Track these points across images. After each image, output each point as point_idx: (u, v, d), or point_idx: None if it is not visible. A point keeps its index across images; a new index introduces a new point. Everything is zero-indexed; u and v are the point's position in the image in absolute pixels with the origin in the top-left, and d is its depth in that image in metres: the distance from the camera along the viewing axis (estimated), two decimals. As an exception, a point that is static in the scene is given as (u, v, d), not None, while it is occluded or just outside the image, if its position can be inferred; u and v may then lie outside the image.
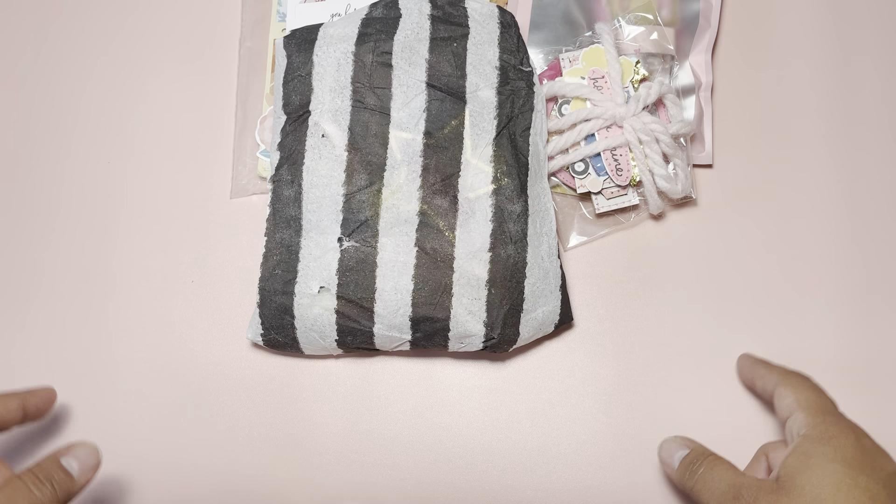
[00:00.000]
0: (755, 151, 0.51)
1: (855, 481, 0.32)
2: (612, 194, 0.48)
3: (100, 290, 0.50)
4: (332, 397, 0.47)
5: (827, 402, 0.37)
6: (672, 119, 0.48)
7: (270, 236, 0.45)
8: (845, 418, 0.36)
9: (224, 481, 0.46)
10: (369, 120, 0.45)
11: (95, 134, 0.53)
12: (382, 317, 0.43)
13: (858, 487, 0.32)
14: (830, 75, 0.52)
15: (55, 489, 0.36)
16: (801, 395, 0.38)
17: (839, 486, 0.32)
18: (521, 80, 0.46)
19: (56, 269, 0.50)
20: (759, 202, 0.50)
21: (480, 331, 0.43)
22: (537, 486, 0.46)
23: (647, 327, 0.48)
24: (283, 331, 0.45)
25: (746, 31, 0.53)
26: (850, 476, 0.32)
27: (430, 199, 0.44)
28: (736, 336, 0.48)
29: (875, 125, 0.51)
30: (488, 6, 0.47)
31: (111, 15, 0.55)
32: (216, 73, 0.53)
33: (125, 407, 0.48)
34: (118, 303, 0.49)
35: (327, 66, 0.46)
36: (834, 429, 0.35)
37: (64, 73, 0.54)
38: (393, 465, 0.46)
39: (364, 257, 0.43)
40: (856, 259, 0.49)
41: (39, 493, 0.35)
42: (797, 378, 0.39)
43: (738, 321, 0.48)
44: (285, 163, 0.45)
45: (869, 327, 0.48)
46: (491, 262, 0.43)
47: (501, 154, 0.44)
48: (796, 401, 0.37)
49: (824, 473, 0.33)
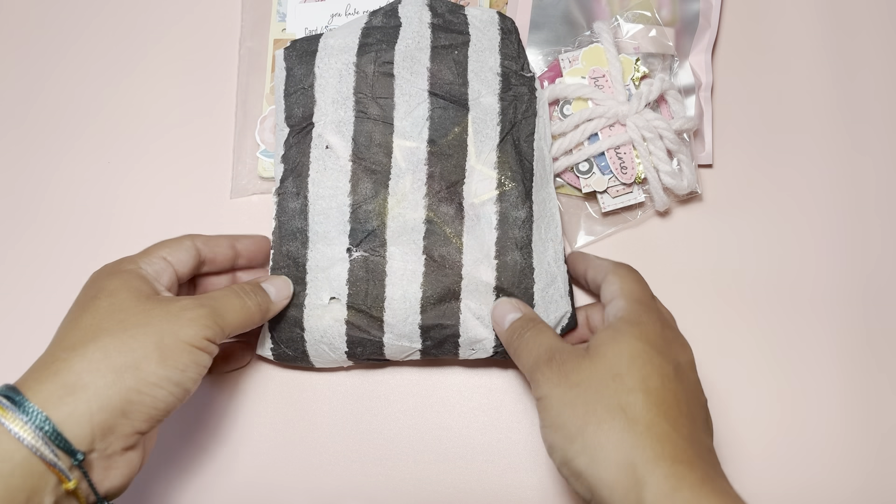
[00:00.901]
0: (755, 151, 0.51)
1: (650, 358, 0.36)
2: (618, 192, 0.48)
3: (99, 290, 0.50)
4: (332, 397, 0.47)
5: (646, 294, 0.40)
6: (674, 115, 0.48)
7: (277, 249, 0.45)
8: (658, 310, 0.39)
9: (224, 481, 0.46)
10: (373, 130, 0.45)
11: (95, 134, 0.53)
12: (392, 325, 0.43)
13: (652, 364, 0.36)
14: (830, 75, 0.52)
15: (259, 302, 0.41)
16: (625, 284, 0.40)
17: (635, 359, 0.36)
18: (522, 85, 0.46)
19: (56, 269, 0.50)
20: (759, 199, 0.50)
21: (490, 336, 0.43)
22: (537, 486, 0.45)
23: (647, 327, 0.48)
24: (292, 344, 0.44)
25: (746, 31, 0.53)
26: (647, 354, 0.36)
27: (436, 206, 0.44)
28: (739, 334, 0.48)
29: (875, 123, 0.51)
30: (488, 13, 0.47)
31: (111, 15, 0.55)
32: (216, 73, 0.53)
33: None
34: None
35: (329, 77, 0.46)
36: (644, 316, 0.38)
37: (64, 72, 0.54)
38: (393, 465, 0.46)
39: (373, 267, 0.43)
40: (858, 256, 0.49)
41: (248, 300, 0.40)
42: (625, 269, 0.42)
43: (742, 318, 0.48)
44: (290, 175, 0.45)
45: (871, 323, 0.48)
46: (498, 268, 0.43)
47: (505, 160, 0.44)
48: (620, 288, 0.40)
49: (626, 347, 0.36)
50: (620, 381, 0.35)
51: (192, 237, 0.43)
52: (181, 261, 0.41)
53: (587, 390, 0.35)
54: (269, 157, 0.50)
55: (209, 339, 0.37)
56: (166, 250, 0.41)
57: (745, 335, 0.48)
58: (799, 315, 0.48)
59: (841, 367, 0.47)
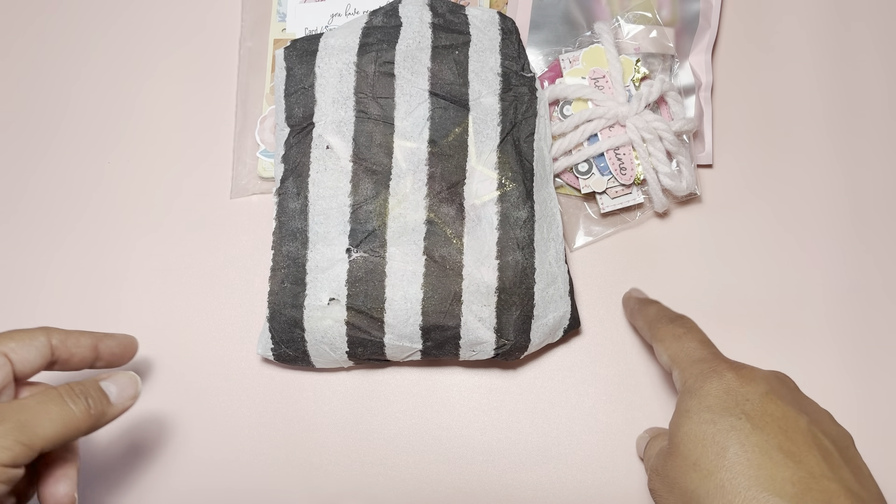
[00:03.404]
0: (755, 151, 0.51)
1: (717, 426, 0.32)
2: (617, 193, 0.48)
3: (100, 291, 0.50)
4: (332, 397, 0.47)
5: (694, 351, 0.37)
6: (674, 116, 0.48)
7: (277, 249, 0.45)
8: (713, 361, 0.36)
9: (224, 481, 0.46)
10: (373, 130, 0.45)
11: (95, 134, 0.53)
12: (393, 326, 0.43)
13: (720, 431, 0.32)
14: (830, 75, 0.52)
15: (89, 406, 0.34)
16: (670, 350, 0.38)
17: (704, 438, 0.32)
18: (523, 85, 0.46)
19: (56, 270, 0.50)
20: (759, 200, 0.50)
21: (491, 338, 0.43)
22: (537, 486, 0.46)
23: (647, 327, 0.48)
24: (293, 344, 0.44)
25: (746, 32, 0.53)
26: (713, 422, 0.33)
27: (437, 207, 0.44)
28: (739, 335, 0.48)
29: (875, 123, 0.51)
30: (489, 13, 0.47)
31: (111, 15, 0.55)
32: (216, 73, 0.53)
33: (125, 407, 0.48)
34: (118, 303, 0.49)
35: (329, 77, 0.45)
36: (700, 379, 0.35)
37: (64, 72, 0.54)
38: (393, 465, 0.46)
39: (373, 267, 0.43)
40: (857, 257, 0.49)
41: (74, 405, 0.34)
42: (662, 332, 0.39)
43: (742, 319, 0.48)
44: (290, 175, 0.45)
45: (870, 323, 0.48)
46: (499, 268, 0.43)
47: (506, 160, 0.44)
48: (669, 357, 0.38)
49: (692, 426, 0.33)
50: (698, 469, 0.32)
51: (49, 332, 0.37)
52: (26, 359, 0.36)
53: (682, 491, 0.33)
54: (269, 157, 0.50)
55: (7, 464, 0.31)
56: (12, 344, 0.35)
57: (744, 336, 0.48)
58: (798, 316, 0.48)
59: (840, 369, 0.47)
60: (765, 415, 0.33)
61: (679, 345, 0.38)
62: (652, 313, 0.42)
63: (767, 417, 0.32)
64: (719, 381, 0.34)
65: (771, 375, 0.35)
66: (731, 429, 0.32)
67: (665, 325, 0.40)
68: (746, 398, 0.33)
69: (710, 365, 0.35)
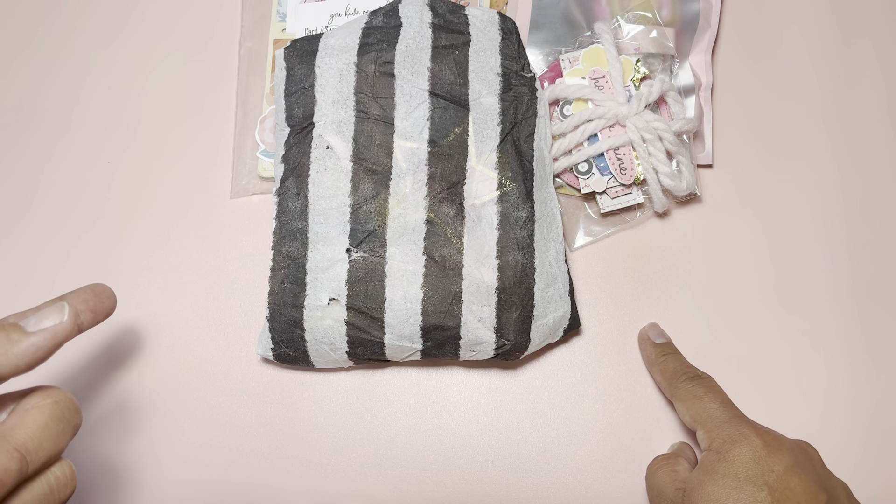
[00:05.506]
0: (755, 151, 0.51)
1: (739, 493, 0.34)
2: (617, 193, 0.48)
3: (99, 290, 0.50)
4: (332, 397, 0.47)
5: (716, 412, 0.38)
6: (674, 116, 0.48)
7: (277, 249, 0.45)
8: (739, 424, 0.37)
9: (224, 481, 0.46)
10: (373, 130, 0.45)
11: (95, 134, 0.53)
12: (393, 326, 0.43)
13: (742, 499, 0.34)
14: (831, 74, 0.52)
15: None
16: (692, 410, 0.39)
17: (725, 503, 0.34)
18: (523, 85, 0.46)
19: (56, 270, 0.50)
20: (759, 200, 0.50)
21: (491, 338, 0.43)
22: (537, 486, 0.46)
23: (647, 327, 0.48)
24: (293, 344, 0.44)
25: (747, 32, 0.53)
26: (737, 489, 0.34)
27: (437, 207, 0.44)
28: (739, 335, 0.48)
29: (875, 123, 0.51)
30: (489, 13, 0.47)
31: (111, 15, 0.55)
32: (216, 73, 0.53)
33: (124, 406, 0.48)
34: (118, 302, 0.49)
35: (329, 77, 0.45)
36: (729, 443, 0.36)
37: (63, 72, 0.54)
38: (393, 465, 0.46)
39: (373, 267, 0.43)
40: (858, 257, 0.49)
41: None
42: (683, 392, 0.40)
43: (742, 319, 0.48)
44: (290, 175, 0.45)
45: (871, 323, 0.48)
46: (499, 268, 0.43)
47: (506, 160, 0.44)
48: (692, 418, 0.39)
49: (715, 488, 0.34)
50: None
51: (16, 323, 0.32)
52: None
53: None
54: (269, 157, 0.50)
55: None
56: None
57: (744, 336, 0.48)
58: (799, 316, 0.48)
59: (841, 367, 0.47)
60: (787, 489, 0.34)
61: (701, 405, 0.39)
62: (671, 369, 0.43)
63: (789, 492, 0.34)
64: (748, 447, 0.35)
65: (796, 447, 0.36)
66: (753, 500, 0.33)
67: (685, 385, 0.41)
68: (772, 469, 0.35)
69: (736, 428, 0.37)
